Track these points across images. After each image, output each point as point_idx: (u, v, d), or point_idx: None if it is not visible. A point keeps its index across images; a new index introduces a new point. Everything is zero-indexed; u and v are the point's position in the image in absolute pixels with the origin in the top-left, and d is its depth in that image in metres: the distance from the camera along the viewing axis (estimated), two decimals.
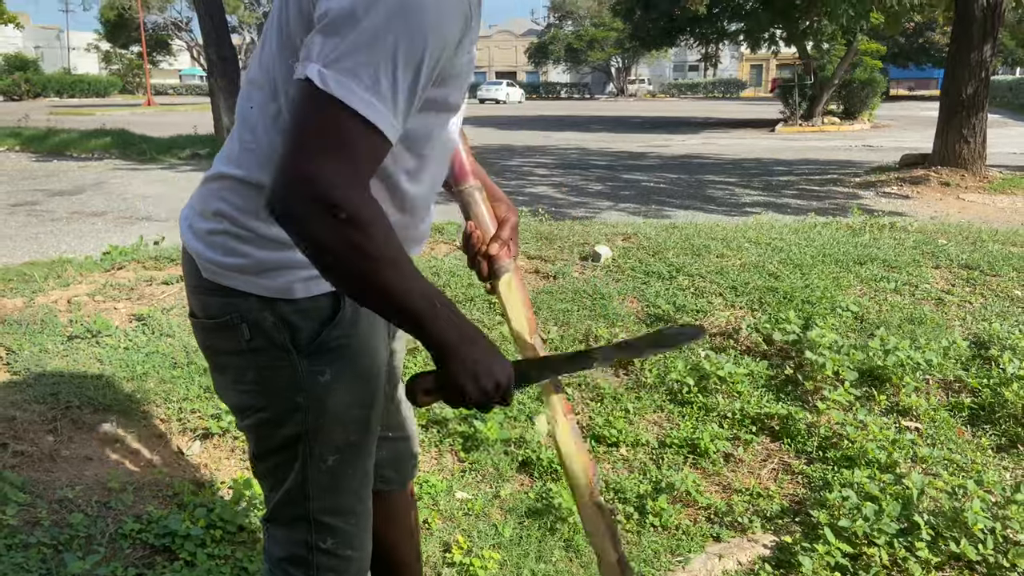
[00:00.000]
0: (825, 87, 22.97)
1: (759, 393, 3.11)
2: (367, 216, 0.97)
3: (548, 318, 3.49)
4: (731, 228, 5.31)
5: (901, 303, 3.85)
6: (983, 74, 10.24)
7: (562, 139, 19.29)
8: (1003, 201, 9.02)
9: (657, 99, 56.86)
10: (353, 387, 1.25)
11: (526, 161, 14.16)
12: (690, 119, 28.36)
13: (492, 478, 2.59)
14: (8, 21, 25.30)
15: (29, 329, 3.02)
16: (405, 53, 0.96)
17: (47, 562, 1.97)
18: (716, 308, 3.69)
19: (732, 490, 2.62)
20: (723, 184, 11.09)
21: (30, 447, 2.37)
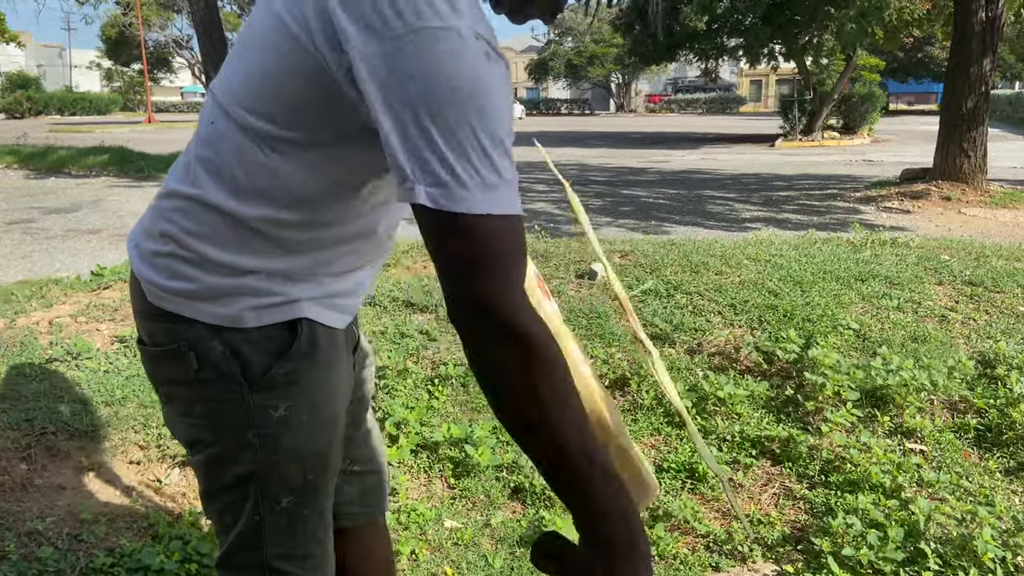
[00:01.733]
0: (824, 102, 22.97)
1: (759, 415, 3.03)
2: (542, 330, 0.88)
3: None
4: (730, 244, 5.24)
5: (904, 321, 3.78)
6: (983, 88, 10.20)
7: (562, 155, 19.25)
8: (1005, 215, 8.95)
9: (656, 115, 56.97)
10: (309, 424, 1.15)
11: (525, 177, 14.08)
12: (689, 134, 28.37)
13: (483, 505, 2.50)
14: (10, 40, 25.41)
15: (7, 352, 2.95)
16: (483, 129, 0.87)
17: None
18: (715, 327, 3.61)
19: (732, 517, 2.53)
20: (722, 199, 11.03)
21: (1, 476, 2.29)
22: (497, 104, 0.89)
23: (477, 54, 0.88)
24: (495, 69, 0.90)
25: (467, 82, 0.86)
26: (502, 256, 0.87)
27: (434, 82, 0.85)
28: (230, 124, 1.05)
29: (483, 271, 0.86)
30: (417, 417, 2.88)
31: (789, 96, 24.82)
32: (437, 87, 0.85)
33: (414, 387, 3.11)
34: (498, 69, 0.91)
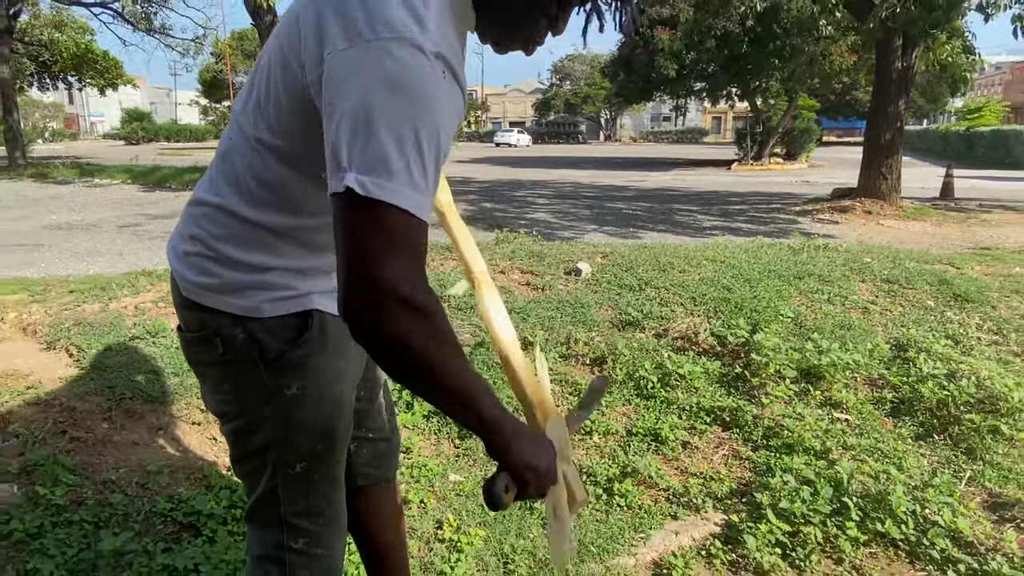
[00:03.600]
0: (771, 134, 22.76)
1: (713, 388, 2.90)
2: (434, 307, 0.81)
3: (536, 323, 3.30)
4: (692, 248, 5.09)
5: (833, 311, 3.64)
6: (898, 124, 10.02)
7: (559, 175, 19.08)
8: (915, 226, 8.78)
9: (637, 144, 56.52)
10: (318, 402, 1.08)
11: (529, 192, 13.97)
12: (663, 159, 28.09)
13: (483, 462, 2.40)
14: (128, 82, 25.48)
15: (99, 330, 2.86)
16: (427, 138, 0.79)
17: (87, 538, 1.79)
18: (678, 316, 3.48)
19: (688, 474, 2.42)
20: (687, 211, 10.87)
21: (86, 433, 2.19)
22: (441, 119, 0.81)
23: (434, 70, 0.80)
24: (448, 90, 0.82)
25: (418, 91, 0.78)
26: (413, 247, 0.80)
27: (389, 84, 0.77)
28: (244, 141, 0.98)
29: (396, 257, 0.78)
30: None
31: (743, 129, 24.58)
32: (391, 89, 0.77)
33: None
34: (450, 90, 0.82)
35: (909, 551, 2.02)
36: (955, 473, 2.41)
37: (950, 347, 3.22)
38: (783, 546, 2.01)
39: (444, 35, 0.82)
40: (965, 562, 1.95)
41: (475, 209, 10.62)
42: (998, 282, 4.37)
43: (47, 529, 1.78)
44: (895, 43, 9.48)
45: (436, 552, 1.95)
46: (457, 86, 0.84)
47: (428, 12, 0.80)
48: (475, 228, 8.29)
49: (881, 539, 2.06)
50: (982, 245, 6.96)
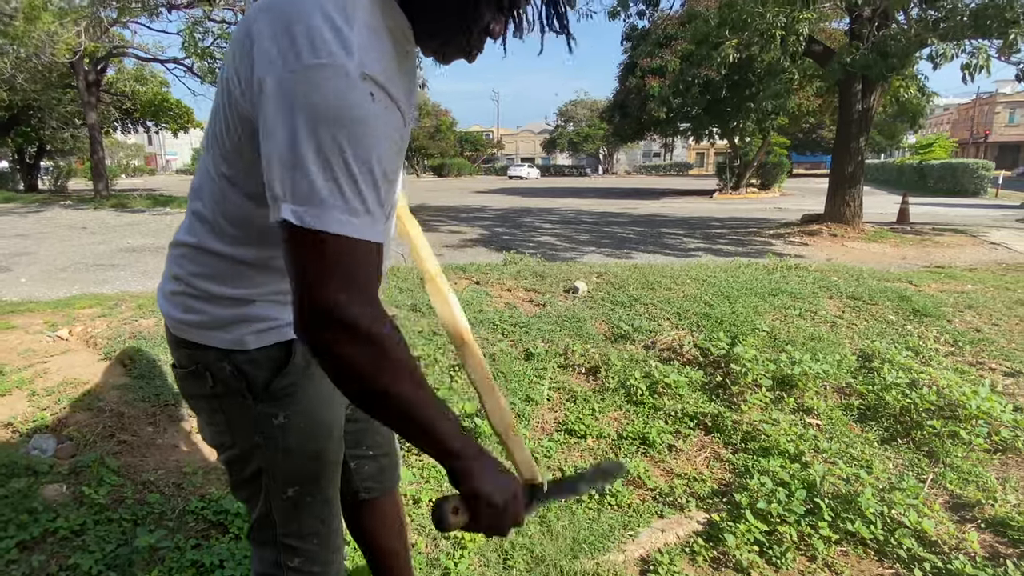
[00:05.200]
0: (747, 167, 22.58)
1: (696, 396, 2.78)
2: (382, 331, 0.71)
3: (537, 336, 3.19)
4: (678, 267, 4.98)
5: (804, 325, 3.50)
6: (859, 158, 9.85)
7: (564, 203, 19.00)
8: (876, 248, 8.58)
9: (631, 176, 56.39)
10: (306, 428, 0.96)
11: (537, 218, 13.89)
12: (653, 189, 27.96)
13: None
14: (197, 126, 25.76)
15: (150, 343, 2.79)
16: (359, 163, 0.69)
17: (125, 535, 1.70)
18: (664, 329, 3.36)
19: (674, 475, 2.29)
20: (674, 235, 10.72)
21: (132, 437, 2.11)
22: (373, 140, 0.70)
23: (362, 92, 0.68)
24: (376, 110, 0.70)
25: (345, 114, 0.67)
26: (353, 272, 0.69)
27: (316, 113, 0.66)
28: (208, 176, 0.87)
29: (335, 283, 0.68)
30: (442, 396, 2.68)
31: (723, 163, 24.42)
32: (317, 118, 0.67)
33: (440, 373, 2.90)
34: (379, 110, 0.71)
35: (878, 550, 1.88)
36: (919, 476, 2.27)
37: (911, 358, 3.08)
38: (761, 544, 1.88)
39: (373, 54, 0.71)
40: (930, 560, 1.81)
41: (488, 233, 10.55)
42: (952, 298, 4.21)
43: (89, 526, 1.70)
44: (855, 87, 9.34)
45: (442, 549, 1.84)
46: (391, 103, 0.73)
47: (353, 34, 0.69)
48: (487, 250, 8.20)
49: (851, 538, 1.92)
50: (936, 264, 6.76)
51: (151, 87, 22.65)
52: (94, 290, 5.64)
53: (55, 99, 20.75)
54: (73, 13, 13.75)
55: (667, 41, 20.04)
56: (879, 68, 7.88)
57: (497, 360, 2.99)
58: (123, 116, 24.46)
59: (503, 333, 3.27)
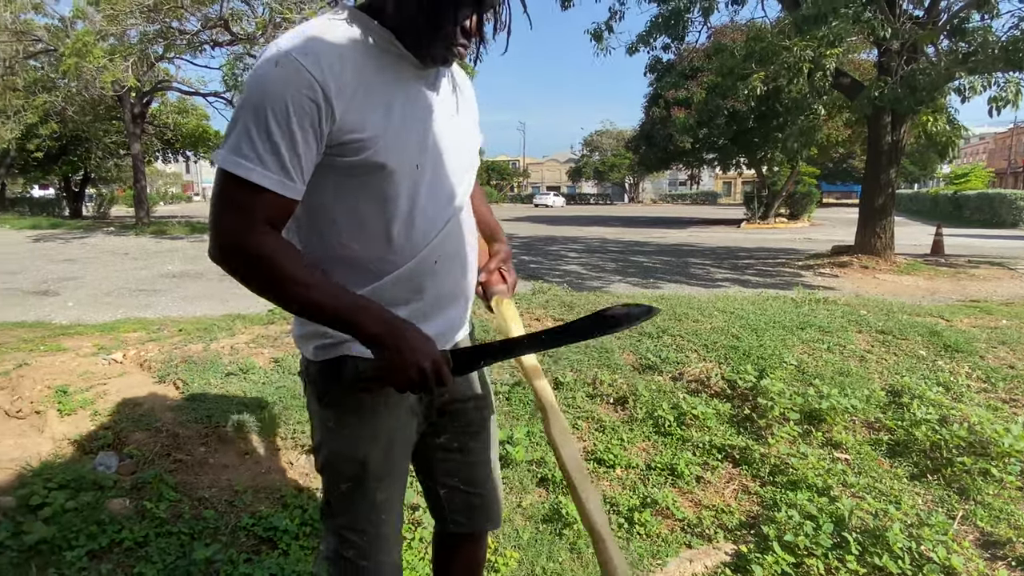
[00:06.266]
0: (776, 197, 22.47)
1: (724, 428, 2.83)
2: (267, 252, 0.90)
3: (565, 366, 3.28)
4: (705, 299, 5.03)
5: (832, 359, 3.52)
6: (890, 189, 9.79)
7: (589, 231, 19.14)
8: (908, 280, 8.46)
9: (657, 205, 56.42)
10: (350, 436, 1.09)
11: (563, 247, 14.04)
12: (680, 218, 27.95)
13: (517, 490, 2.37)
14: None
15: (201, 367, 2.96)
16: (251, 114, 0.87)
17: (184, 547, 1.83)
18: (692, 361, 3.42)
19: (702, 506, 2.34)
20: (701, 265, 10.74)
21: (186, 456, 2.26)
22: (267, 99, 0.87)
23: (274, 66, 0.88)
24: (280, 72, 0.88)
25: (254, 87, 0.89)
26: (239, 203, 0.89)
27: (245, 88, 0.91)
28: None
29: (227, 213, 0.90)
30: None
31: (751, 192, 24.36)
32: (245, 91, 0.90)
33: None
34: (285, 72, 0.88)
35: None
36: (948, 512, 2.28)
37: (942, 394, 3.08)
38: None
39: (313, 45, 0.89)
40: None
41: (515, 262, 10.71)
42: (986, 334, 4.18)
43: (151, 539, 1.83)
44: (884, 119, 9.36)
45: None
46: (300, 66, 0.87)
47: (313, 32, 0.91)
48: None
49: (879, 572, 1.94)
50: (971, 298, 6.67)
51: (192, 119, 23.69)
52: (137, 314, 5.92)
53: (102, 130, 21.83)
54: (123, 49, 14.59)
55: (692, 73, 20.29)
56: (908, 102, 7.92)
57: (526, 388, 3.08)
58: (164, 146, 25.56)
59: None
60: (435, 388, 0.96)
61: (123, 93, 15.97)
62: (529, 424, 2.80)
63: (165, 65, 17.88)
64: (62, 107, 18.45)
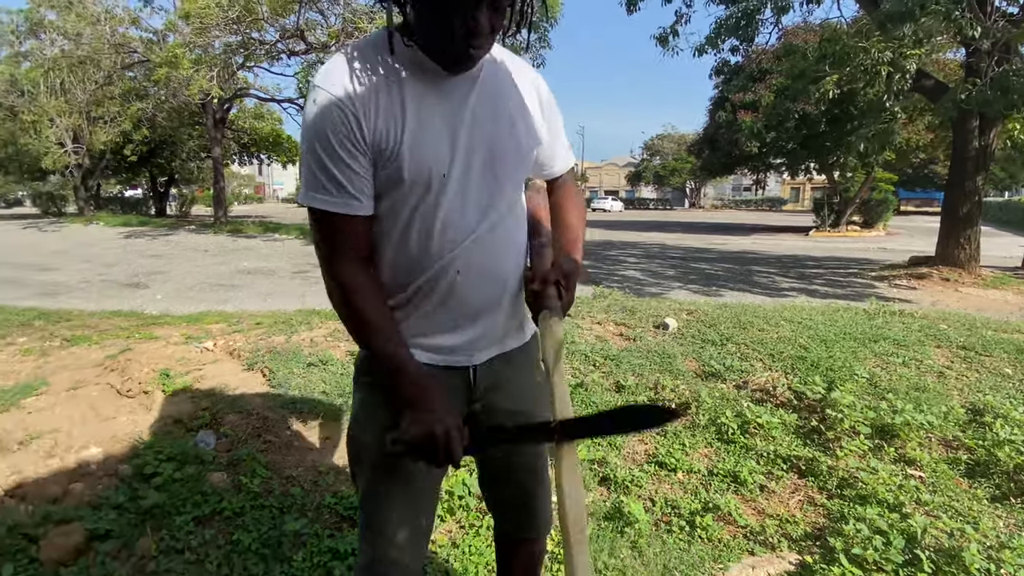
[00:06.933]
0: (848, 204, 21.46)
1: (789, 439, 2.80)
2: (347, 282, 0.98)
3: (627, 370, 3.32)
4: (770, 308, 4.93)
5: (908, 374, 3.41)
6: (976, 198, 9.21)
7: (648, 237, 18.90)
8: (995, 295, 7.94)
9: (719, 210, 54.95)
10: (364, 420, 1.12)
11: (621, 252, 13.95)
12: (743, 225, 27.16)
13: None
14: None
15: (285, 357, 3.17)
16: (308, 153, 0.98)
17: (275, 520, 2.00)
18: (757, 370, 3.39)
19: (765, 514, 2.34)
20: (766, 273, 10.44)
21: (275, 438, 2.45)
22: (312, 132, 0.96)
23: (308, 102, 0.98)
24: (316, 106, 0.96)
25: (302, 127, 0.98)
26: (318, 230, 0.99)
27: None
28: None
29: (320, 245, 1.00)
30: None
31: (821, 199, 23.36)
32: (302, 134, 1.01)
33: None
34: (319, 104, 0.95)
35: None
36: None
37: None
38: None
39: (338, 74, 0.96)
40: None
41: None
42: None
43: (247, 510, 2.01)
44: (971, 123, 8.83)
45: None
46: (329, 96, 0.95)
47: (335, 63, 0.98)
48: None
49: None
50: None
51: (268, 124, 24.96)
52: (218, 307, 6.34)
53: (186, 135, 23.34)
54: (208, 59, 15.58)
55: (761, 75, 19.71)
56: (998, 106, 7.45)
57: (589, 390, 3.15)
58: (241, 149, 27.06)
59: (594, 365, 3.43)
60: (443, 461, 0.96)
61: (207, 100, 17.02)
62: None
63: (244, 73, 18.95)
64: (152, 114, 19.88)
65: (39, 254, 12.15)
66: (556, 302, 1.07)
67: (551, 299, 1.07)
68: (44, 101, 18.72)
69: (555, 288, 1.08)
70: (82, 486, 2.11)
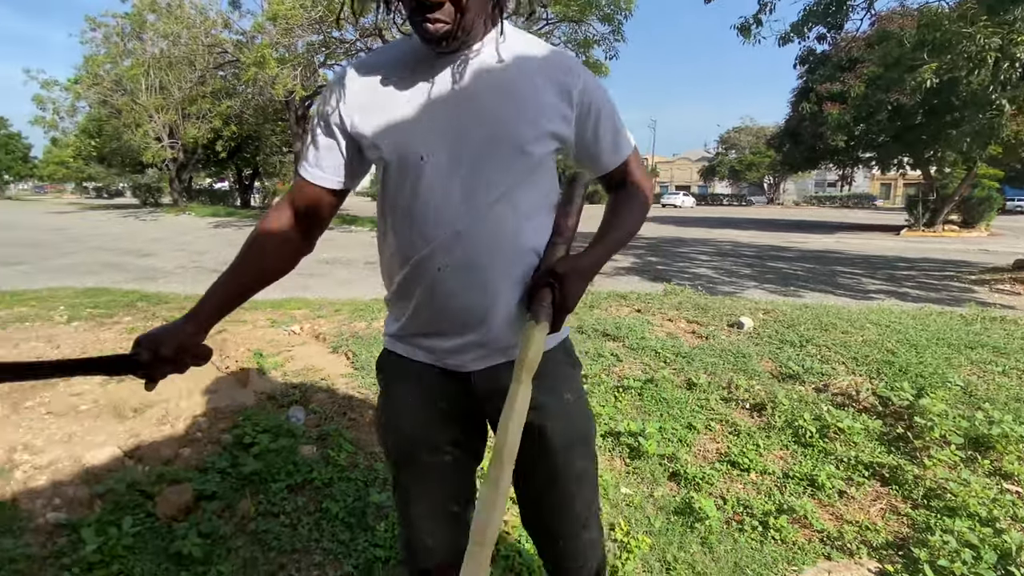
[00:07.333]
0: (946, 202, 19.93)
1: (872, 445, 2.70)
2: (263, 222, 1.05)
3: (699, 368, 3.30)
4: (856, 310, 4.72)
5: (1008, 384, 3.19)
6: None
7: (720, 234, 18.33)
8: None
9: (800, 207, 52.38)
10: (380, 414, 1.16)
11: (692, 249, 13.61)
12: (826, 223, 25.79)
13: (648, 481, 2.46)
14: None
15: (366, 342, 3.36)
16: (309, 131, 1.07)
17: (360, 492, 2.15)
18: (839, 373, 3.28)
19: (843, 520, 2.28)
20: (851, 274, 9.91)
21: (358, 416, 2.62)
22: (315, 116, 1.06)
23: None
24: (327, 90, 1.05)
25: None
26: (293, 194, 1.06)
27: None
28: None
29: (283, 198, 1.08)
30: (607, 413, 2.91)
31: (915, 196, 21.83)
32: None
33: (605, 392, 3.14)
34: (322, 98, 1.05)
35: None
36: None
37: None
38: None
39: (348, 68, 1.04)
40: None
41: (640, 262, 10.61)
42: None
43: (335, 481, 2.18)
44: None
45: (609, 549, 2.06)
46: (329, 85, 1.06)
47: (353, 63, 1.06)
48: (639, 279, 8.30)
49: None
50: None
51: None
52: (299, 295, 6.71)
53: (269, 131, 24.67)
54: (291, 59, 16.41)
55: (850, 64, 18.65)
56: None
57: (659, 386, 3.15)
58: None
59: (665, 361, 3.43)
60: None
61: (290, 98, 17.94)
62: (661, 420, 2.88)
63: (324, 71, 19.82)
64: (240, 111, 21.15)
65: (138, 241, 13.23)
66: (543, 307, 0.96)
67: (538, 303, 0.97)
68: (145, 99, 20.31)
69: (548, 291, 0.97)
70: (190, 451, 2.35)
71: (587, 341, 3.82)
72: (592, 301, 4.81)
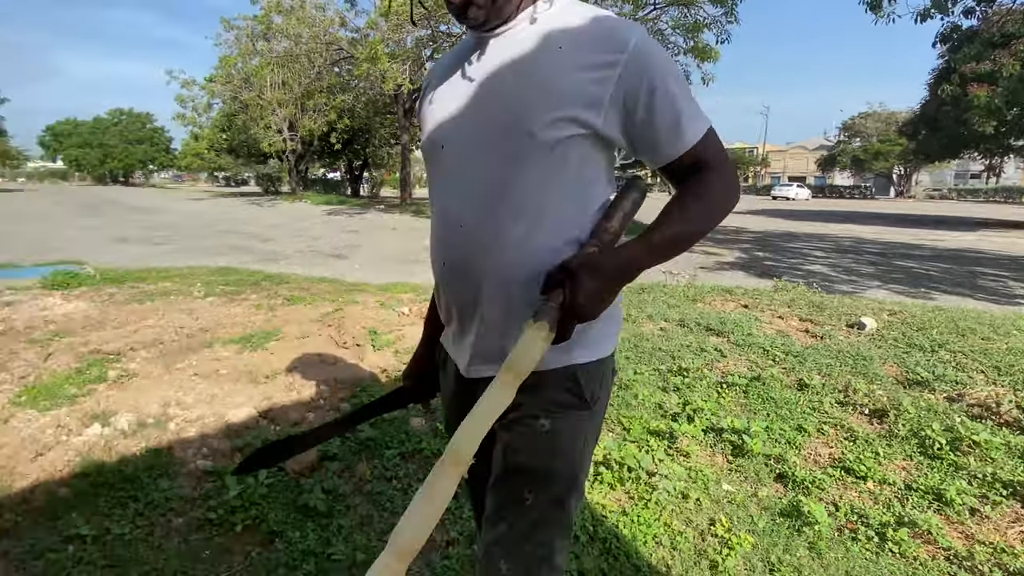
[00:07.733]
0: None
1: (1014, 463, 2.45)
2: None
3: (812, 368, 3.13)
4: (1000, 315, 4.26)
5: None
6: None
7: (839, 229, 17.01)
8: None
9: (935, 201, 47.36)
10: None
11: (805, 245, 12.76)
12: (967, 218, 23.16)
13: (752, 480, 2.39)
14: None
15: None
16: None
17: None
18: (977, 382, 2.99)
19: (975, 540, 2.09)
20: (995, 276, 8.88)
21: None
22: None
23: None
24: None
25: None
26: None
27: None
28: None
29: None
30: (710, 408, 2.84)
31: None
32: None
33: (708, 386, 3.07)
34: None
35: None
36: None
37: None
38: None
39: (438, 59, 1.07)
40: None
41: (747, 257, 10.12)
42: None
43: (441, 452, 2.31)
44: None
45: (709, 544, 2.03)
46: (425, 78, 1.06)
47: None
48: (745, 275, 7.92)
49: None
50: None
51: None
52: (404, 279, 7.07)
53: (379, 123, 25.95)
54: (401, 54, 17.13)
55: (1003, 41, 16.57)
56: None
57: (767, 385, 3.03)
58: None
59: (774, 360, 3.29)
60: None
61: (399, 92, 18.77)
62: (768, 420, 2.78)
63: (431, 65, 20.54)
64: (352, 105, 22.41)
65: (260, 226, 14.46)
66: (548, 306, 0.84)
67: (544, 302, 0.85)
68: (269, 95, 22.04)
69: (559, 291, 0.84)
70: (314, 415, 2.58)
71: (689, 335, 3.74)
72: (695, 295, 4.68)
